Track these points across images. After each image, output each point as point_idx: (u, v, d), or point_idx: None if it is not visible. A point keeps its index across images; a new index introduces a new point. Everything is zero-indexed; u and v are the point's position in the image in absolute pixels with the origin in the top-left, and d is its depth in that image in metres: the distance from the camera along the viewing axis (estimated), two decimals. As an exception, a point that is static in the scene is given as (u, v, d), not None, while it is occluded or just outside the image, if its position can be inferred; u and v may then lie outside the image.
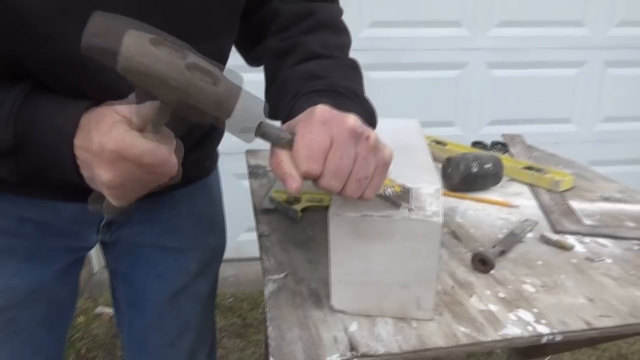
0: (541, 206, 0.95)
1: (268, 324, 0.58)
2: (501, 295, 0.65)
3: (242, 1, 0.66)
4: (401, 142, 0.74)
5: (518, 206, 0.95)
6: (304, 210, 0.87)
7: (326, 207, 0.88)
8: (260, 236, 0.81)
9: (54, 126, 0.49)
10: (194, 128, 0.73)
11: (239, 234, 2.24)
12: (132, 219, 0.78)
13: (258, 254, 0.77)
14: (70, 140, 0.48)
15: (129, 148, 0.45)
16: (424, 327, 0.58)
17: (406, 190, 0.57)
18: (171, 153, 0.48)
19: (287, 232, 0.82)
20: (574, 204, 0.95)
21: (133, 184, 0.48)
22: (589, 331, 0.59)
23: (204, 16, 0.61)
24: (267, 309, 0.62)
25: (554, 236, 0.81)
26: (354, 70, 0.67)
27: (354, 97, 0.61)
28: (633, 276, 0.70)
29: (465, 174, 0.98)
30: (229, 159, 1.33)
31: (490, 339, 0.57)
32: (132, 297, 0.86)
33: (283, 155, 0.47)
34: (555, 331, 0.58)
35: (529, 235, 0.83)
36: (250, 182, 1.06)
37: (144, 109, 0.48)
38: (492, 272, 0.71)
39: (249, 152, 1.25)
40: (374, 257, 0.56)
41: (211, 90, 0.42)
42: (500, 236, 0.82)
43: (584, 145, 2.32)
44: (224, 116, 0.44)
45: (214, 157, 0.88)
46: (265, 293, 0.65)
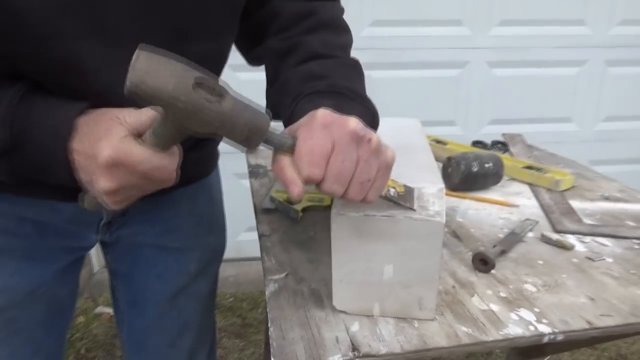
0: (541, 206, 0.94)
1: (269, 324, 0.58)
2: (502, 294, 0.65)
3: (242, 1, 0.66)
4: (402, 141, 0.74)
5: (518, 206, 0.95)
6: (304, 210, 0.87)
7: (327, 207, 0.89)
8: (261, 236, 0.81)
9: (49, 127, 0.49)
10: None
11: (239, 233, 2.24)
12: (132, 219, 0.78)
13: (258, 253, 0.77)
14: (64, 142, 0.48)
15: (127, 155, 0.45)
16: (425, 327, 0.58)
17: (409, 191, 0.57)
18: (170, 160, 0.48)
19: (287, 232, 0.82)
20: (575, 204, 0.95)
21: (131, 191, 0.48)
22: (590, 330, 0.59)
23: (204, 16, 0.61)
24: (268, 309, 0.62)
25: (554, 236, 0.81)
26: (355, 70, 0.67)
27: (355, 97, 0.61)
28: (634, 275, 0.70)
29: (466, 174, 0.98)
30: (229, 159, 1.33)
31: (492, 338, 0.57)
32: (132, 297, 0.85)
33: (285, 160, 0.47)
34: (556, 331, 0.58)
35: (530, 234, 0.83)
36: (250, 182, 1.06)
37: (144, 116, 0.48)
38: (493, 271, 0.71)
39: (249, 151, 1.24)
40: (376, 257, 0.55)
41: (216, 108, 0.42)
42: (501, 236, 0.82)
43: (584, 145, 2.32)
44: (227, 133, 0.44)
45: (214, 156, 0.87)
46: (267, 293, 0.65)
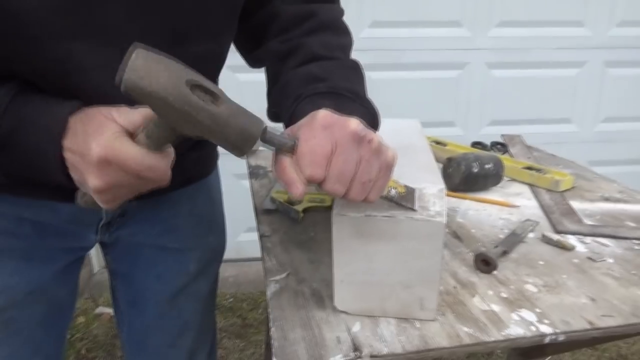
0: (542, 206, 0.95)
1: (271, 324, 0.58)
2: (503, 295, 0.65)
3: (241, 1, 0.66)
4: (402, 142, 0.74)
5: (519, 206, 0.95)
6: (305, 211, 0.87)
7: (327, 208, 0.89)
8: (261, 237, 0.81)
9: (42, 126, 0.49)
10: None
11: (239, 234, 2.24)
12: (131, 219, 0.78)
13: (258, 254, 0.77)
14: (57, 141, 0.48)
15: (118, 154, 0.44)
16: (427, 328, 0.58)
17: (410, 191, 0.57)
18: (163, 160, 0.47)
19: (288, 232, 0.82)
20: (575, 204, 0.95)
21: (122, 189, 0.48)
22: (592, 331, 0.59)
23: (203, 16, 0.61)
24: (269, 310, 0.61)
25: (555, 236, 0.81)
26: (355, 71, 0.67)
27: (356, 98, 0.61)
28: (634, 276, 0.70)
29: (466, 174, 0.98)
30: (229, 159, 1.32)
31: (493, 339, 0.57)
32: (132, 297, 0.85)
33: (286, 160, 0.47)
34: (557, 331, 0.58)
35: (530, 235, 0.83)
36: (250, 183, 1.05)
37: (137, 116, 0.47)
38: (494, 272, 0.71)
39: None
40: (377, 258, 0.55)
41: (212, 110, 0.42)
42: (502, 236, 0.82)
43: (584, 146, 2.32)
44: (220, 136, 0.44)
45: (214, 157, 0.87)
46: (268, 293, 0.65)
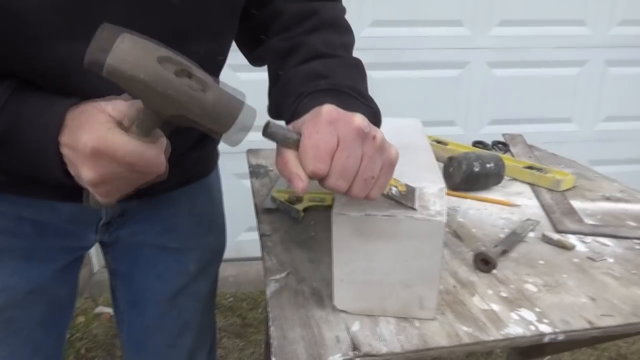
0: (542, 206, 0.94)
1: (270, 323, 0.58)
2: (503, 294, 0.65)
3: (242, 0, 0.66)
4: (403, 141, 0.73)
5: (519, 205, 0.95)
6: (305, 210, 0.87)
7: (328, 207, 0.89)
8: (262, 236, 0.81)
9: (41, 124, 0.49)
10: (193, 127, 0.74)
11: (239, 233, 2.24)
12: (131, 219, 0.78)
13: (258, 253, 0.77)
14: (55, 138, 0.48)
15: (111, 146, 0.44)
16: (426, 327, 0.58)
17: (411, 190, 0.57)
18: (157, 151, 0.47)
19: (289, 231, 0.82)
20: (575, 204, 0.95)
21: (118, 183, 0.48)
22: (591, 330, 0.59)
23: (203, 16, 0.61)
24: (269, 309, 0.61)
25: (555, 236, 0.81)
26: (357, 70, 0.67)
27: (358, 96, 0.61)
28: (635, 275, 0.70)
29: (467, 174, 0.98)
30: (229, 159, 1.33)
31: (492, 338, 0.57)
32: (131, 297, 0.85)
33: (289, 155, 0.47)
34: (557, 330, 0.58)
35: (531, 234, 0.83)
36: (251, 182, 1.05)
37: (129, 108, 0.47)
38: (493, 271, 0.71)
39: (250, 151, 1.24)
40: (377, 257, 0.55)
41: (199, 97, 0.41)
42: (502, 236, 0.82)
43: (584, 145, 2.32)
44: (211, 123, 0.43)
45: (214, 156, 0.87)
46: (267, 293, 0.65)
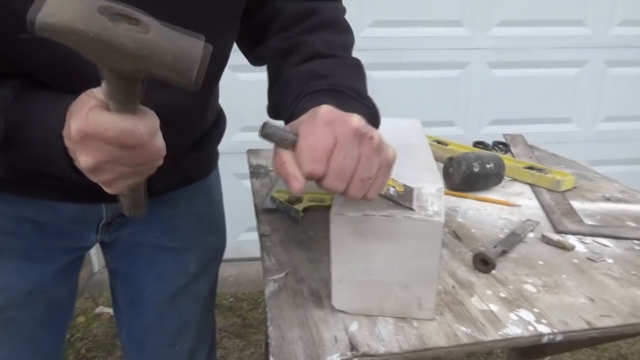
0: (542, 206, 0.94)
1: (269, 323, 0.58)
2: (502, 295, 0.65)
3: (243, 1, 0.66)
4: (402, 141, 0.74)
5: (519, 205, 0.95)
6: (305, 210, 0.87)
7: (328, 207, 0.89)
8: (261, 236, 0.81)
9: (47, 122, 0.49)
10: (193, 128, 0.74)
11: (239, 233, 2.24)
12: (131, 219, 0.78)
13: (258, 253, 0.77)
14: (60, 134, 0.48)
15: (92, 124, 0.43)
16: (424, 327, 0.58)
17: (409, 190, 0.57)
18: (140, 122, 0.44)
19: (288, 231, 0.82)
20: (575, 204, 0.95)
21: (115, 167, 0.46)
22: (590, 331, 0.59)
23: (204, 16, 0.61)
24: (267, 309, 0.62)
25: (555, 236, 0.81)
26: (357, 70, 0.67)
27: (357, 96, 0.61)
28: (634, 276, 0.70)
29: (467, 174, 0.98)
30: (229, 159, 1.33)
31: (491, 338, 0.57)
32: (131, 297, 0.85)
33: (286, 155, 0.47)
34: (556, 331, 0.58)
35: (530, 235, 0.83)
36: (251, 182, 1.06)
37: (105, 86, 0.44)
38: (492, 272, 0.71)
39: (250, 151, 1.25)
40: (375, 257, 0.55)
41: (138, 37, 0.38)
42: (502, 236, 0.82)
43: (584, 145, 2.32)
44: (155, 64, 0.40)
45: (213, 157, 0.87)
46: (266, 293, 0.65)
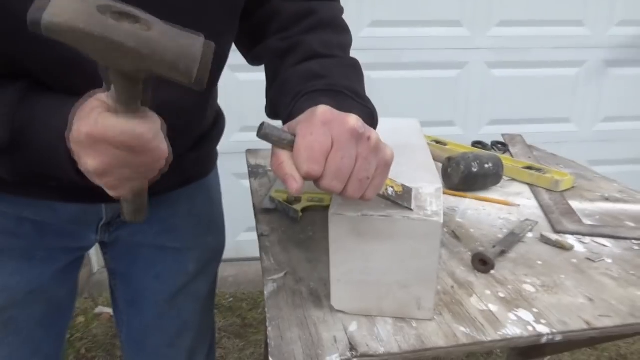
0: (541, 206, 0.95)
1: (268, 324, 0.58)
2: (501, 295, 0.65)
3: (242, 1, 0.66)
4: (401, 141, 0.74)
5: (519, 205, 0.95)
6: (304, 210, 0.87)
7: (326, 207, 0.89)
8: (260, 236, 0.81)
9: (51, 125, 0.49)
10: (193, 128, 0.74)
11: (239, 233, 2.24)
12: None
13: (258, 253, 0.77)
14: (64, 137, 0.48)
15: (101, 128, 0.43)
16: (423, 327, 0.58)
17: (407, 190, 0.57)
18: (150, 127, 0.45)
19: (287, 231, 0.82)
20: (574, 204, 0.95)
21: (122, 170, 0.46)
22: (589, 331, 0.59)
23: (204, 16, 0.61)
24: (266, 309, 0.62)
25: (554, 236, 0.81)
26: (355, 70, 0.67)
27: (355, 96, 0.61)
28: (633, 276, 0.70)
29: (466, 174, 0.98)
30: (228, 159, 1.33)
31: (490, 339, 0.57)
32: (131, 297, 0.86)
33: (284, 156, 0.47)
34: (555, 331, 0.58)
35: (529, 235, 0.83)
36: (250, 182, 1.06)
37: (111, 89, 0.45)
38: (492, 272, 0.71)
39: (249, 151, 1.25)
40: (374, 257, 0.55)
41: (141, 35, 0.39)
42: (500, 236, 0.82)
43: (583, 145, 2.32)
44: (162, 64, 0.40)
45: (213, 157, 0.88)
46: (265, 293, 0.65)
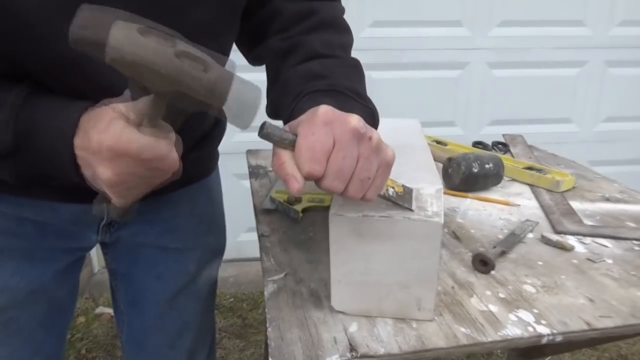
0: (542, 206, 0.94)
1: (268, 324, 0.58)
2: (501, 295, 0.65)
3: (242, 0, 0.66)
4: (402, 141, 0.74)
5: (519, 205, 0.95)
6: (304, 211, 0.87)
7: (327, 208, 0.88)
8: (260, 236, 0.81)
9: (54, 128, 0.49)
10: (194, 128, 0.74)
11: (239, 234, 2.24)
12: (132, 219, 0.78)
13: (258, 254, 0.77)
14: (70, 141, 0.48)
15: (126, 143, 0.44)
16: (424, 328, 0.58)
17: (408, 191, 0.57)
18: (170, 146, 0.47)
19: (287, 232, 0.82)
20: (575, 205, 0.95)
21: (134, 181, 0.48)
22: (590, 332, 0.59)
23: (203, 15, 0.61)
24: (267, 310, 0.62)
25: (554, 236, 0.81)
26: (356, 70, 0.67)
27: (356, 97, 0.61)
28: (634, 277, 0.70)
29: (466, 174, 0.98)
30: (229, 159, 1.33)
31: (490, 339, 0.57)
32: (131, 297, 0.86)
33: (285, 156, 0.47)
34: (555, 332, 0.58)
35: (530, 235, 0.83)
36: (251, 182, 1.06)
37: (139, 103, 0.47)
38: (492, 272, 0.71)
39: (249, 152, 1.25)
40: (374, 258, 0.55)
41: (202, 76, 0.41)
42: (501, 236, 0.82)
43: (584, 145, 2.32)
44: (216, 103, 0.43)
45: (214, 157, 0.88)
46: (265, 294, 0.65)
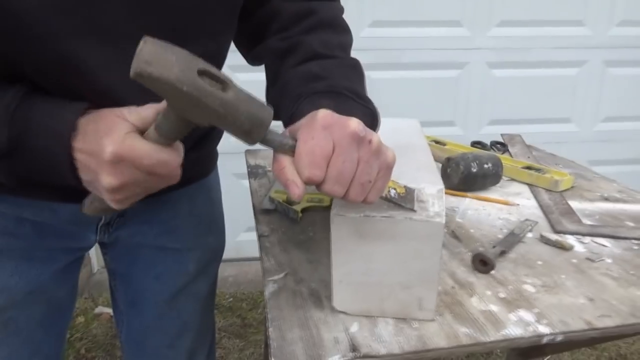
0: (541, 206, 0.95)
1: (269, 324, 0.58)
2: (502, 295, 0.65)
3: (241, 0, 0.66)
4: (401, 141, 0.74)
5: (518, 205, 0.95)
6: (304, 211, 0.87)
7: (326, 207, 0.89)
8: (260, 236, 0.81)
9: (50, 128, 0.49)
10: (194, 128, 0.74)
11: (239, 234, 2.24)
12: (130, 220, 0.78)
13: (258, 254, 0.77)
14: (66, 142, 0.48)
15: (133, 152, 0.45)
16: (425, 328, 0.58)
17: (410, 192, 0.56)
18: (174, 155, 0.48)
19: (287, 232, 0.82)
20: (574, 204, 0.95)
21: (135, 188, 0.49)
22: (590, 331, 0.59)
23: (202, 15, 0.61)
24: (267, 310, 0.62)
25: (553, 236, 0.81)
26: (355, 70, 0.67)
27: (355, 97, 0.61)
28: (633, 276, 0.70)
29: (465, 174, 0.98)
30: (228, 159, 1.33)
31: (491, 339, 0.57)
32: (131, 297, 0.85)
33: (285, 161, 0.47)
34: (556, 331, 0.58)
35: (529, 235, 0.83)
36: (250, 182, 1.06)
37: (144, 110, 0.48)
38: (492, 272, 0.71)
39: (248, 152, 1.25)
40: (376, 258, 0.55)
41: (221, 96, 0.43)
42: (500, 236, 0.82)
43: (584, 145, 2.32)
44: (230, 121, 0.44)
45: (213, 157, 0.87)
46: (266, 294, 0.65)
